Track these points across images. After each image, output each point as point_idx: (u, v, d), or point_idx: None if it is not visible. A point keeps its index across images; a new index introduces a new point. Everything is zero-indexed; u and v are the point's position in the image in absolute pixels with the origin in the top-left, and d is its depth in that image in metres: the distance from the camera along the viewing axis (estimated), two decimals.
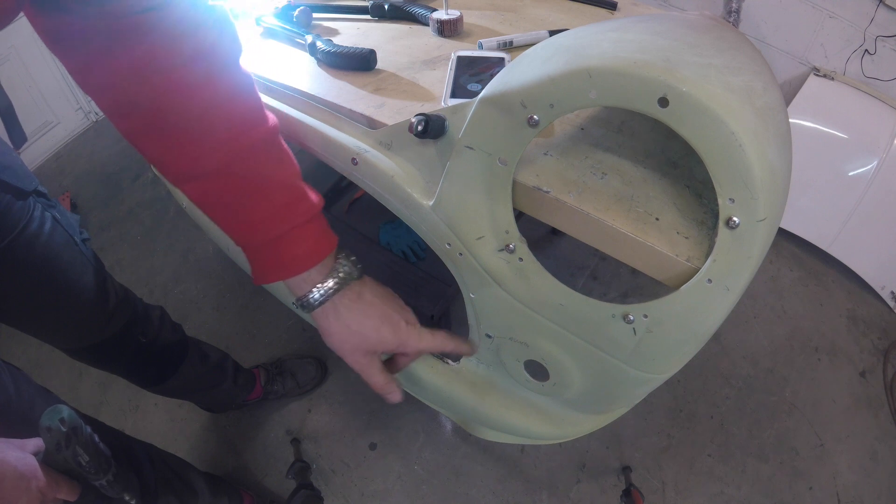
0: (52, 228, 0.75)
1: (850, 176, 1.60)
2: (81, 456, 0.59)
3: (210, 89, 0.48)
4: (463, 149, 0.57)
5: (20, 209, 0.70)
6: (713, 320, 0.54)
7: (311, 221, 0.55)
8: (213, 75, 0.48)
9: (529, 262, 0.62)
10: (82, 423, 0.60)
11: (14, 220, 0.69)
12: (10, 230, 0.68)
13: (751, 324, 1.56)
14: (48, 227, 0.74)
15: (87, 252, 0.82)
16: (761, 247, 0.48)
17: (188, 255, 1.77)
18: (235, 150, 0.49)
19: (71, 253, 0.78)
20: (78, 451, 0.59)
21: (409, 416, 1.34)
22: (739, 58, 0.51)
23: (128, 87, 0.45)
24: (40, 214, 0.73)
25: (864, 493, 1.24)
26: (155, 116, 0.47)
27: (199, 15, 0.47)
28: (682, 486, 1.24)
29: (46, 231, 0.73)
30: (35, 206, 0.73)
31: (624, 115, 0.68)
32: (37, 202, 0.74)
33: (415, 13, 0.92)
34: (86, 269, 0.81)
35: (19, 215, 0.70)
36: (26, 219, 0.70)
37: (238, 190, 0.51)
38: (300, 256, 0.53)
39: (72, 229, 0.79)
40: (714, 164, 0.44)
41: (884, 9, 1.56)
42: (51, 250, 0.74)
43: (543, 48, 0.54)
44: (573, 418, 0.86)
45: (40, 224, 0.73)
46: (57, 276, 0.76)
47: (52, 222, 0.75)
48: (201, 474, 1.05)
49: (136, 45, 0.43)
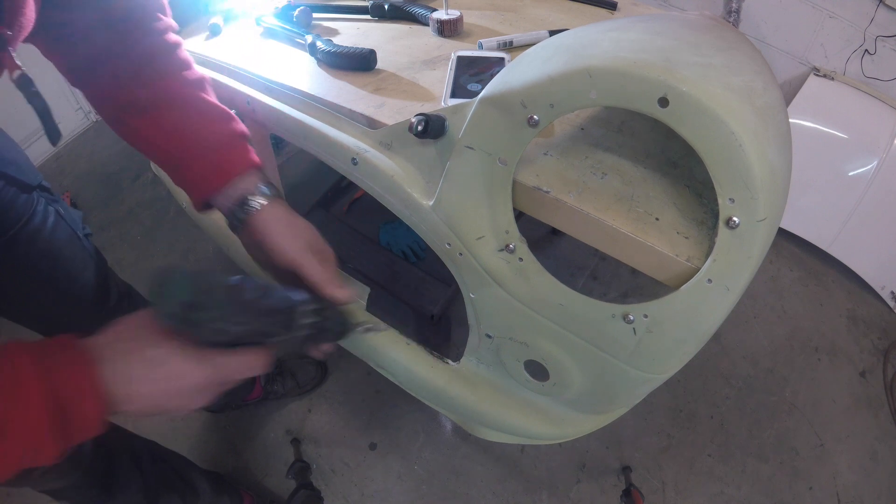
0: (56, 223, 0.75)
1: (850, 176, 1.60)
2: (230, 329, 0.45)
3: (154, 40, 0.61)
4: (463, 149, 0.57)
5: (24, 203, 0.70)
6: (713, 320, 0.54)
7: (243, 140, 0.63)
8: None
9: (529, 262, 0.62)
10: (199, 287, 0.44)
11: (18, 213, 0.69)
12: (13, 223, 0.68)
13: (751, 324, 1.56)
14: (51, 221, 0.74)
15: (89, 247, 0.82)
16: (761, 247, 0.48)
17: (188, 255, 1.76)
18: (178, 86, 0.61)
19: (73, 247, 0.78)
20: (221, 326, 0.45)
21: (409, 416, 1.34)
22: (739, 57, 0.51)
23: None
24: (43, 209, 0.73)
25: (864, 493, 1.24)
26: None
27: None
28: (682, 486, 1.24)
29: (49, 225, 0.73)
30: (38, 200, 0.73)
31: (624, 115, 0.68)
32: (40, 196, 0.74)
33: (415, 13, 0.92)
34: (88, 264, 0.80)
35: (23, 209, 0.70)
36: (30, 212, 0.70)
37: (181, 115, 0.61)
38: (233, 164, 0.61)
39: (75, 224, 0.79)
40: (714, 163, 0.44)
41: (884, 9, 1.56)
42: (53, 244, 0.74)
43: (543, 48, 0.54)
44: (573, 418, 0.86)
45: (43, 218, 0.72)
46: (59, 270, 0.76)
47: (56, 217, 0.75)
48: (203, 473, 1.05)
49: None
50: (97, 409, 0.41)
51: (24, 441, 0.38)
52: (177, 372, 0.46)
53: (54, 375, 0.40)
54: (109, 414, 0.43)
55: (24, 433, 0.38)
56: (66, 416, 0.40)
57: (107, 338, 0.46)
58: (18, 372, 0.39)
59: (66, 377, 0.40)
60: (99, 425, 0.42)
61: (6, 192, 0.67)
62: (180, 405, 0.48)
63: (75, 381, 0.41)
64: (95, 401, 0.41)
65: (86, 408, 0.41)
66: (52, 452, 0.40)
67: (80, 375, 0.41)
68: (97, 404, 0.41)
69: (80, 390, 0.41)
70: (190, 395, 0.47)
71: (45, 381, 0.39)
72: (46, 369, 0.40)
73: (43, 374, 0.39)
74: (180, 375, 0.46)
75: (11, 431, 0.38)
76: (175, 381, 0.46)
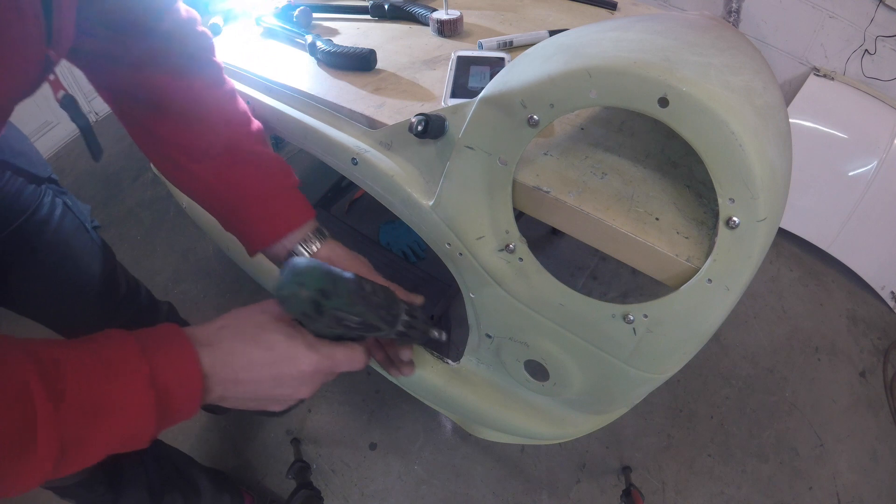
0: (63, 214, 0.75)
1: (850, 176, 1.60)
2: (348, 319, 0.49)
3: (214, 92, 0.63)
4: (463, 149, 0.57)
5: (31, 194, 0.70)
6: (713, 320, 0.54)
7: (296, 189, 0.66)
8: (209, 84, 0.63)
9: (529, 262, 0.62)
10: (334, 277, 0.48)
11: (25, 203, 0.69)
12: (20, 213, 0.68)
13: (751, 324, 1.56)
14: (59, 212, 0.74)
15: (97, 239, 0.82)
16: (761, 247, 0.48)
17: (188, 255, 1.76)
18: (237, 136, 0.64)
19: (81, 239, 0.78)
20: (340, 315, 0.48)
21: (409, 416, 1.34)
22: (739, 57, 0.51)
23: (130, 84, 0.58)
24: (51, 200, 0.73)
25: (864, 493, 1.24)
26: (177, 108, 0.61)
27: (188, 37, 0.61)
28: (682, 486, 1.24)
29: (57, 216, 0.73)
30: (46, 191, 0.73)
31: (624, 115, 0.68)
32: (48, 188, 0.74)
33: (415, 13, 0.92)
34: (96, 256, 0.80)
35: (29, 200, 0.70)
36: (36, 203, 0.71)
37: (241, 165, 0.63)
38: (292, 217, 0.64)
39: (82, 216, 0.79)
40: (714, 164, 0.44)
41: (884, 9, 1.56)
42: (61, 236, 0.74)
43: (543, 48, 0.54)
44: (573, 418, 0.86)
45: (51, 209, 0.73)
46: (67, 261, 0.76)
47: (63, 208, 0.75)
48: (204, 471, 1.05)
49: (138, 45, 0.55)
50: (198, 394, 0.43)
51: (128, 423, 0.39)
52: (289, 356, 0.48)
53: (159, 359, 0.41)
54: (208, 400, 0.45)
55: (129, 415, 0.39)
56: (169, 401, 0.41)
57: (215, 325, 0.48)
58: (126, 356, 0.40)
59: (170, 361, 0.42)
60: (195, 410, 0.44)
61: (13, 182, 0.68)
62: (284, 394, 0.49)
63: (180, 366, 0.42)
64: (197, 386, 0.43)
65: (188, 393, 0.42)
66: (149, 436, 0.41)
67: (185, 360, 0.43)
68: (198, 390, 0.43)
69: (184, 375, 0.42)
70: (297, 383, 0.49)
71: (152, 366, 0.40)
72: (152, 353, 0.41)
73: (149, 358, 0.40)
74: (292, 360, 0.48)
75: (117, 413, 0.38)
76: (286, 365, 0.48)
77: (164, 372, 0.41)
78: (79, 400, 0.36)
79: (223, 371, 0.45)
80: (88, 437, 0.37)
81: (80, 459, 0.38)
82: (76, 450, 0.37)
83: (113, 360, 0.39)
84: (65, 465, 0.37)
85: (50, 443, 0.35)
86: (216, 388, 0.45)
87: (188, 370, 0.42)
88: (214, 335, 0.46)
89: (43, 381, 0.35)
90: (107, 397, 0.38)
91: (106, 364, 0.39)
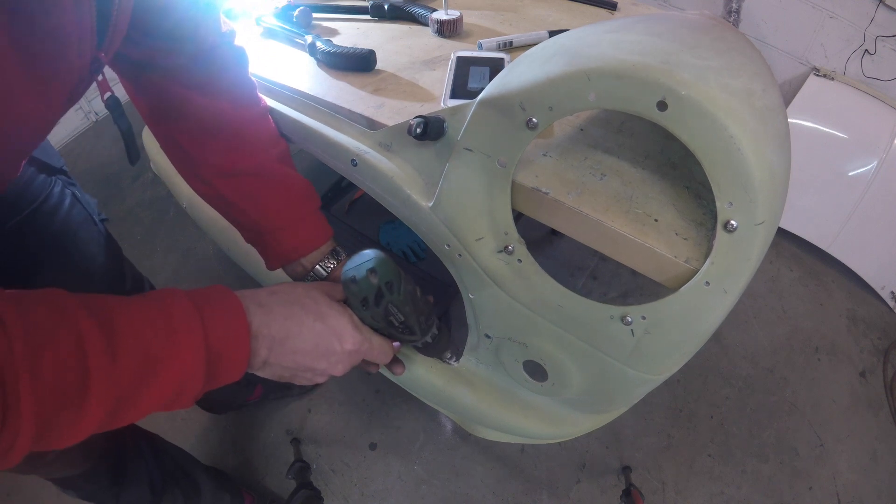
0: (72, 204, 0.75)
1: (850, 176, 1.60)
2: (395, 316, 0.51)
3: (245, 112, 0.65)
4: (462, 150, 0.57)
5: (41, 183, 0.70)
6: (711, 322, 0.54)
7: (319, 212, 0.70)
8: (244, 104, 0.66)
9: (528, 264, 0.62)
10: (400, 275, 0.51)
11: (34, 193, 0.69)
12: (29, 202, 0.69)
13: (751, 324, 1.56)
14: (67, 202, 0.74)
15: (104, 232, 0.82)
16: (760, 249, 0.48)
17: (188, 255, 1.77)
18: (266, 158, 0.66)
19: (89, 230, 0.78)
20: (391, 310, 0.50)
21: (409, 416, 1.34)
22: (739, 59, 0.51)
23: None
24: (60, 190, 0.73)
25: (864, 493, 1.24)
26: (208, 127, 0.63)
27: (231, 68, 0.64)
28: (682, 486, 1.24)
29: (66, 206, 0.74)
30: (56, 182, 0.73)
31: (624, 116, 0.68)
32: (58, 179, 0.74)
33: (415, 13, 0.92)
34: (103, 248, 0.80)
35: (40, 189, 0.70)
36: (46, 192, 0.71)
37: (267, 186, 0.65)
38: (314, 238, 0.68)
39: (90, 208, 0.79)
40: (713, 167, 0.44)
41: (884, 9, 1.56)
42: (69, 226, 0.74)
43: (542, 49, 0.54)
44: (572, 418, 0.86)
45: (60, 199, 0.73)
46: (75, 251, 0.76)
47: (72, 198, 0.75)
48: (205, 470, 1.05)
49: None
50: (245, 353, 0.44)
51: (178, 379, 0.40)
52: (338, 330, 0.50)
53: (214, 322, 0.42)
54: (254, 363, 0.46)
55: (180, 372, 0.40)
56: (219, 361, 0.42)
57: (266, 290, 0.50)
58: (181, 315, 0.40)
59: (222, 321, 0.43)
60: (241, 374, 0.45)
61: (25, 171, 0.68)
62: (321, 368, 0.51)
63: (233, 329, 0.43)
64: (245, 346, 0.44)
65: (237, 355, 0.44)
66: (195, 395, 0.42)
67: (234, 319, 0.44)
68: (246, 349, 0.44)
69: (235, 338, 0.43)
70: (336, 359, 0.51)
71: (205, 325, 0.41)
72: (207, 315, 0.42)
73: (202, 316, 0.41)
74: (340, 334, 0.51)
75: (169, 369, 0.39)
76: (333, 338, 0.50)
77: (215, 331, 0.42)
78: (133, 355, 0.37)
79: (272, 330, 0.46)
80: (139, 393, 0.38)
81: (129, 414, 0.38)
82: (127, 404, 0.37)
83: (168, 318, 0.40)
84: (115, 418, 0.37)
85: (103, 396, 0.35)
86: (262, 349, 0.46)
87: (238, 329, 0.44)
88: (266, 299, 0.48)
89: (100, 334, 0.35)
90: (160, 354, 0.38)
91: (161, 321, 0.39)
